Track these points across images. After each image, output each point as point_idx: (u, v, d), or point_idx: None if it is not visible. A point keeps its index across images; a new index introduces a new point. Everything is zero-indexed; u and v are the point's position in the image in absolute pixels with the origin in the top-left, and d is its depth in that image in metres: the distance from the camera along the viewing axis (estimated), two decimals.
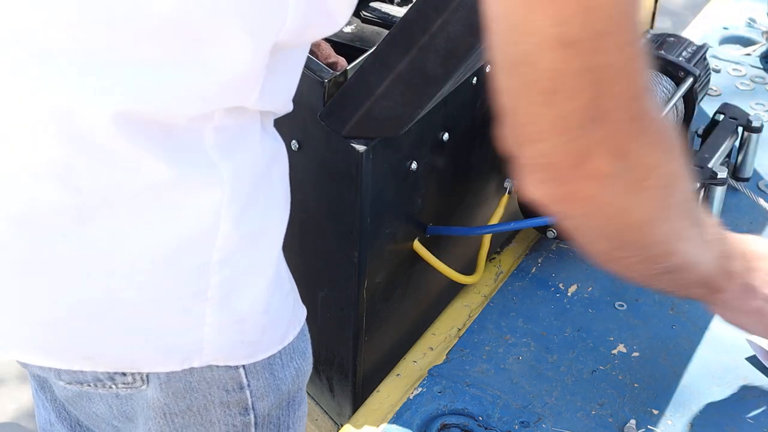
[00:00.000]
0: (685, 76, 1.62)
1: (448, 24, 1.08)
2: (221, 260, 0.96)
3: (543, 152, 0.85)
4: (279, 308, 1.05)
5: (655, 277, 1.01)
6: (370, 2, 1.59)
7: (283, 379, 1.10)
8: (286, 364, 1.10)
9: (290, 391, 1.12)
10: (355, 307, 1.30)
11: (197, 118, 0.92)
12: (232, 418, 1.07)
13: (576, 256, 1.53)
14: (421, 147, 1.29)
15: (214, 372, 1.03)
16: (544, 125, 0.84)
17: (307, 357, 1.15)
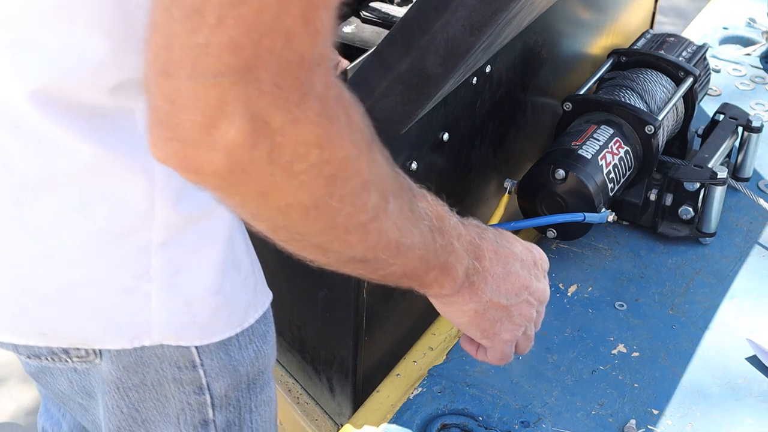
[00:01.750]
0: (685, 76, 1.62)
1: (448, 24, 1.08)
2: (162, 242, 0.96)
3: (169, 93, 0.71)
4: (234, 291, 1.04)
5: (342, 266, 0.92)
6: (370, 2, 1.59)
7: (241, 360, 1.09)
8: (244, 346, 1.09)
9: (249, 373, 1.12)
10: (355, 307, 1.30)
11: (124, 98, 0.90)
12: (186, 396, 1.07)
13: (576, 256, 1.53)
14: (421, 147, 1.29)
15: (165, 349, 1.03)
16: (176, 52, 0.69)
17: (268, 340, 1.14)
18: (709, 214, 1.54)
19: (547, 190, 1.45)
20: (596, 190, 1.43)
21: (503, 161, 1.53)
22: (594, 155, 1.46)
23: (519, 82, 1.49)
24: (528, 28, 1.43)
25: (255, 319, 1.09)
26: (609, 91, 1.60)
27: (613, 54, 1.67)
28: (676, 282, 1.49)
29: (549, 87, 1.60)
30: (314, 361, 1.43)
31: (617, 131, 1.51)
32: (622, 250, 1.55)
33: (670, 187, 1.53)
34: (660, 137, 1.54)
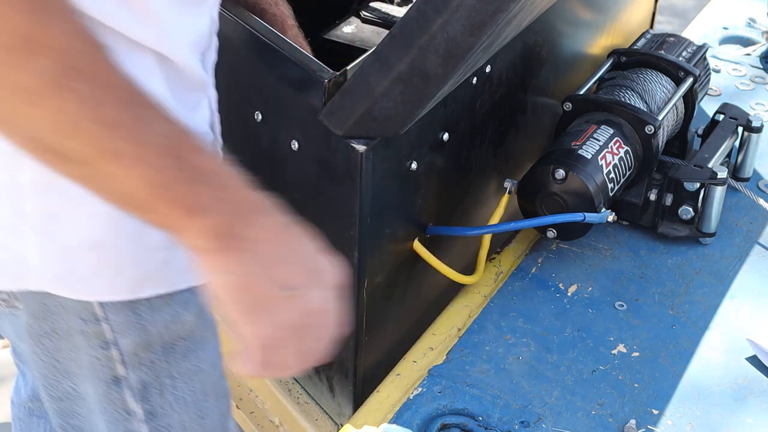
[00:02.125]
0: (685, 76, 1.62)
1: (448, 24, 1.08)
2: (33, 183, 0.97)
3: None
4: (126, 254, 1.04)
5: (36, 150, 0.84)
6: (370, 2, 1.60)
7: (151, 321, 1.09)
8: (158, 308, 1.09)
9: (163, 336, 1.12)
10: (355, 307, 1.30)
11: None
12: (93, 350, 1.08)
13: (576, 256, 1.53)
14: (421, 147, 1.29)
15: (68, 300, 1.04)
16: None
17: (191, 308, 1.14)
18: (709, 214, 1.54)
19: (547, 190, 1.45)
20: (596, 190, 1.43)
21: (503, 161, 1.53)
22: (594, 155, 1.46)
23: (519, 82, 1.49)
24: (528, 28, 1.43)
25: (154, 293, 1.08)
26: (609, 91, 1.60)
27: (613, 54, 1.67)
28: (676, 282, 1.49)
29: (549, 87, 1.60)
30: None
31: (617, 131, 1.51)
32: (622, 250, 1.55)
33: (670, 187, 1.53)
34: (660, 137, 1.54)
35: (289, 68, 1.23)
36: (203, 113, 1.10)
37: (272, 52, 1.24)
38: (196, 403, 1.23)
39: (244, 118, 1.33)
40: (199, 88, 1.08)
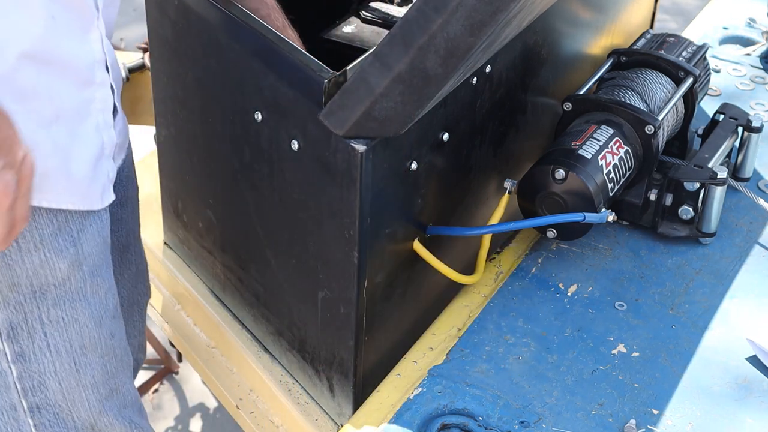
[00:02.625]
0: (685, 76, 1.62)
1: (448, 24, 1.08)
2: None
3: None
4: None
5: None
6: (370, 2, 1.59)
7: (18, 261, 1.16)
8: (26, 251, 1.16)
9: (32, 279, 1.18)
10: (355, 307, 1.30)
11: None
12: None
13: (576, 256, 1.53)
14: (421, 147, 1.29)
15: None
16: None
17: (65, 257, 1.20)
18: (709, 214, 1.54)
19: (547, 190, 1.45)
20: (596, 190, 1.43)
21: (503, 161, 1.53)
22: (594, 155, 1.46)
23: (519, 82, 1.49)
24: (528, 28, 1.43)
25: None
26: (609, 91, 1.60)
27: (613, 54, 1.67)
28: (676, 282, 1.49)
29: (549, 87, 1.60)
30: (314, 361, 1.43)
31: (617, 131, 1.51)
32: (622, 250, 1.55)
33: (670, 187, 1.53)
34: (660, 137, 1.54)
35: (289, 68, 1.23)
36: (93, 45, 1.19)
37: (272, 52, 1.24)
38: (71, 355, 1.27)
39: (244, 118, 1.33)
40: (88, 13, 1.16)
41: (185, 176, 1.55)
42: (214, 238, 1.54)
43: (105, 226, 1.29)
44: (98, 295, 1.29)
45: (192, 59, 1.40)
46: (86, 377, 1.32)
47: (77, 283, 1.25)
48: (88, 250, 1.25)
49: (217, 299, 1.62)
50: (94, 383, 1.33)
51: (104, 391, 1.35)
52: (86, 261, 1.25)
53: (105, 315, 1.31)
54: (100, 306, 1.30)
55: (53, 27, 1.14)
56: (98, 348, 1.31)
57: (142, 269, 1.62)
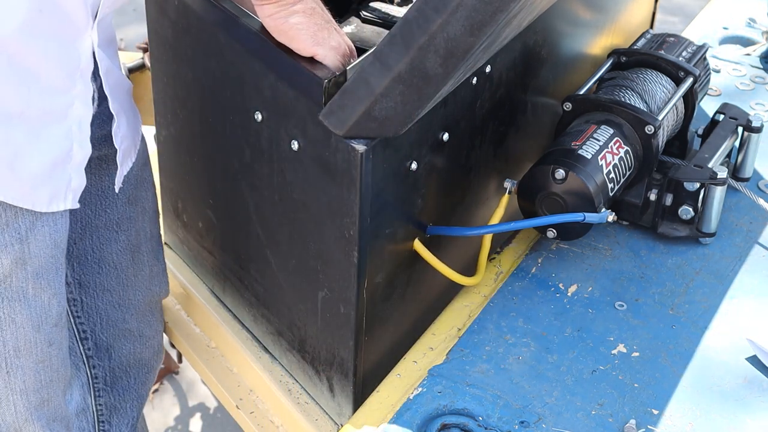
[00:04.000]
0: (685, 76, 1.62)
1: (448, 24, 1.08)
2: None
3: None
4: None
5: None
6: (370, 2, 1.59)
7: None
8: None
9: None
10: (355, 307, 1.30)
11: None
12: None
13: (576, 256, 1.53)
14: (421, 147, 1.29)
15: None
16: None
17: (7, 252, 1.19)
18: (709, 214, 1.54)
19: (547, 190, 1.45)
20: (596, 190, 1.43)
21: (503, 161, 1.53)
22: (594, 155, 1.46)
23: (519, 82, 1.49)
24: (528, 28, 1.43)
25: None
26: (609, 91, 1.60)
27: (613, 54, 1.67)
28: (676, 282, 1.49)
29: (549, 87, 1.60)
30: (314, 361, 1.43)
31: (617, 131, 1.51)
32: (622, 250, 1.55)
33: (670, 187, 1.53)
34: (660, 137, 1.54)
35: (289, 68, 1.23)
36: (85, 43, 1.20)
37: (272, 52, 1.24)
38: (2, 355, 1.24)
39: (244, 118, 1.33)
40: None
41: (185, 176, 1.55)
42: (214, 238, 1.54)
43: (59, 231, 1.27)
44: (40, 299, 1.26)
45: (192, 59, 1.40)
46: (16, 381, 1.28)
47: (18, 282, 1.22)
48: (35, 251, 1.23)
49: (217, 299, 1.62)
50: (24, 389, 1.30)
51: (34, 400, 1.32)
52: (31, 261, 1.23)
53: (45, 320, 1.28)
54: (41, 310, 1.27)
55: (37, 22, 1.13)
56: (33, 353, 1.28)
57: (158, 271, 1.59)
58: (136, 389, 1.61)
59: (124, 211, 1.46)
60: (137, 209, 1.50)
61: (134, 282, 1.52)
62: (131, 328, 1.56)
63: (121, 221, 1.46)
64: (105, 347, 1.53)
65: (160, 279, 1.60)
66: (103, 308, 1.50)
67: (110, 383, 1.56)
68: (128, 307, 1.54)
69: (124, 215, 1.45)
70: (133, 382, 1.60)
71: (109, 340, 1.53)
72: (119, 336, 1.55)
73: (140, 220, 1.51)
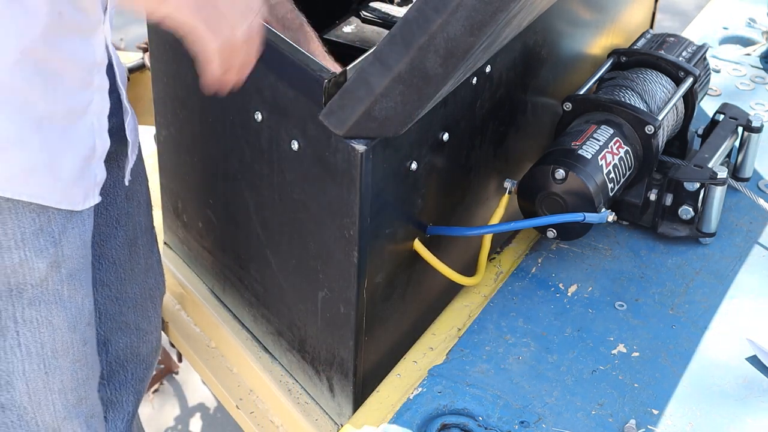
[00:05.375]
0: (685, 76, 1.62)
1: (448, 24, 1.08)
2: None
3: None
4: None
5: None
6: (370, 2, 1.60)
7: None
8: (7, 249, 1.16)
9: (9, 276, 1.18)
10: (355, 307, 1.30)
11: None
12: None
13: (576, 256, 1.53)
14: (421, 147, 1.29)
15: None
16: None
17: (45, 257, 1.20)
18: (709, 214, 1.54)
19: (547, 190, 1.45)
20: (596, 190, 1.43)
21: (503, 161, 1.53)
22: (594, 155, 1.46)
23: (519, 82, 1.49)
24: (528, 28, 1.43)
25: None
26: (609, 91, 1.60)
27: (613, 54, 1.67)
28: (676, 282, 1.49)
29: (549, 87, 1.60)
30: (314, 361, 1.43)
31: (617, 131, 1.51)
32: (622, 250, 1.55)
33: (670, 187, 1.53)
34: (660, 137, 1.54)
35: (289, 68, 1.23)
36: (97, 48, 1.21)
37: (272, 52, 1.24)
38: (41, 357, 1.26)
39: (244, 118, 1.33)
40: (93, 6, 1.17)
41: (185, 176, 1.55)
42: (214, 238, 1.54)
43: (87, 230, 1.28)
44: (75, 300, 1.27)
45: (192, 59, 1.40)
46: (55, 381, 1.30)
47: (54, 285, 1.24)
48: (68, 252, 1.24)
49: (217, 299, 1.62)
50: (62, 388, 1.31)
51: (72, 398, 1.33)
52: (65, 263, 1.24)
53: (80, 320, 1.29)
54: (76, 311, 1.28)
55: (58, 24, 1.14)
56: (70, 353, 1.30)
57: (152, 263, 1.60)
58: (133, 384, 1.61)
59: (122, 207, 1.47)
60: (134, 204, 1.51)
61: (131, 276, 1.53)
62: (128, 321, 1.57)
63: (120, 217, 1.46)
64: (102, 341, 1.54)
65: (155, 271, 1.61)
66: (101, 302, 1.51)
67: (107, 377, 1.57)
68: (125, 300, 1.55)
69: (122, 211, 1.46)
70: (130, 377, 1.60)
71: (107, 333, 1.54)
72: (116, 329, 1.56)
73: (136, 214, 1.52)
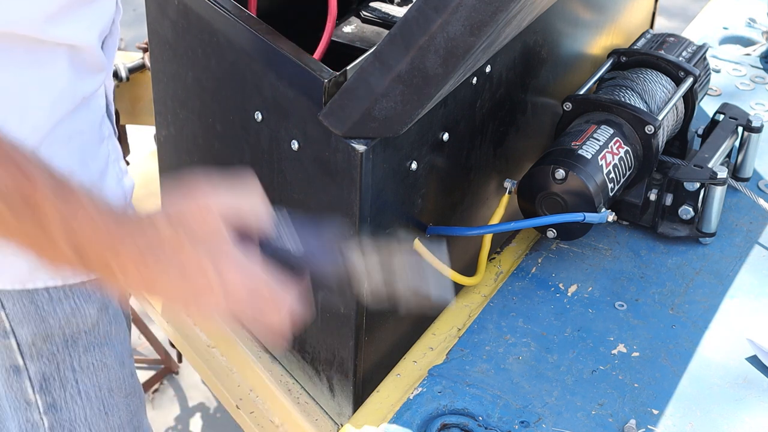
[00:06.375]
0: (685, 76, 1.62)
1: (448, 24, 1.08)
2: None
3: None
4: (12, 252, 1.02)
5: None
6: (370, 2, 1.59)
7: (51, 312, 1.14)
8: (57, 300, 1.14)
9: (64, 328, 1.17)
10: (355, 307, 1.30)
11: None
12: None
13: (576, 256, 1.53)
14: (421, 147, 1.29)
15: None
16: None
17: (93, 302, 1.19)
18: (709, 214, 1.54)
19: (547, 190, 1.45)
20: (596, 190, 1.43)
21: (503, 161, 1.53)
22: (594, 155, 1.46)
23: (519, 82, 1.49)
24: (528, 28, 1.43)
25: (44, 284, 1.13)
26: (609, 91, 1.60)
27: (613, 54, 1.67)
28: (676, 282, 1.49)
29: (549, 87, 1.60)
30: (314, 361, 1.43)
31: (617, 131, 1.51)
32: (622, 250, 1.55)
33: (670, 187, 1.53)
34: (660, 137, 1.54)
35: (289, 68, 1.22)
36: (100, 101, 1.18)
37: (272, 52, 1.24)
38: (100, 399, 1.27)
39: (244, 118, 1.33)
40: (100, 70, 1.14)
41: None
42: None
43: None
44: (119, 336, 1.28)
45: (192, 59, 1.40)
46: (114, 419, 1.31)
47: (104, 327, 1.24)
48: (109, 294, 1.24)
49: None
50: (121, 424, 1.32)
51: (129, 430, 1.35)
52: (111, 304, 1.25)
53: (126, 354, 1.30)
54: (122, 346, 1.29)
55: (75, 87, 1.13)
56: (123, 388, 1.31)
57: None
58: None
59: None
60: None
61: None
62: None
63: None
64: None
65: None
66: None
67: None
68: None
69: None
70: None
71: None
72: None
73: None
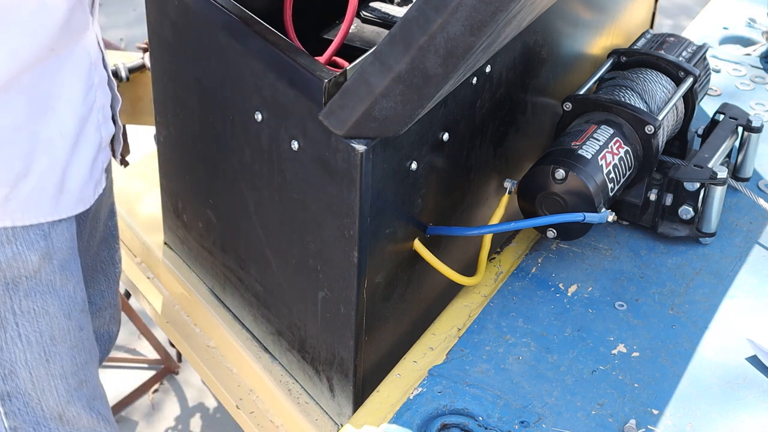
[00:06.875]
0: (685, 76, 1.62)
1: (448, 24, 1.08)
2: None
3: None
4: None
5: None
6: (370, 2, 1.59)
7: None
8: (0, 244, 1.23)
9: (5, 270, 1.25)
10: (355, 307, 1.30)
11: None
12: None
13: (576, 256, 1.53)
14: (421, 147, 1.29)
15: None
16: None
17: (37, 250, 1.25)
18: (709, 214, 1.54)
19: (547, 190, 1.45)
20: (596, 190, 1.43)
21: (503, 161, 1.53)
22: (594, 155, 1.46)
23: (519, 82, 1.49)
24: (528, 28, 1.43)
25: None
26: (609, 91, 1.60)
27: (613, 54, 1.67)
28: (676, 282, 1.49)
29: (549, 87, 1.60)
30: (314, 361, 1.43)
31: (617, 131, 1.51)
32: (622, 250, 1.55)
33: (670, 187, 1.53)
34: (660, 137, 1.54)
35: (289, 68, 1.23)
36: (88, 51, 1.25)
37: (272, 52, 1.24)
38: (41, 345, 1.33)
39: (244, 118, 1.33)
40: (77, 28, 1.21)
41: (185, 176, 1.55)
42: (214, 238, 1.54)
43: (73, 224, 1.33)
44: (67, 288, 1.33)
45: (192, 59, 1.40)
46: (55, 367, 1.36)
47: (47, 276, 1.29)
48: (58, 244, 1.30)
49: (217, 299, 1.62)
50: (63, 373, 1.37)
51: (73, 382, 1.39)
52: (56, 254, 1.30)
53: (74, 308, 1.35)
54: (69, 299, 1.34)
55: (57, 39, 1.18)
56: (67, 339, 1.36)
57: (108, 236, 1.62)
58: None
59: None
60: (108, 186, 1.54)
61: (87, 248, 1.55)
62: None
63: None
64: None
65: (109, 246, 1.63)
66: None
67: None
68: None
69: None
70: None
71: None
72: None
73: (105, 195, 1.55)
